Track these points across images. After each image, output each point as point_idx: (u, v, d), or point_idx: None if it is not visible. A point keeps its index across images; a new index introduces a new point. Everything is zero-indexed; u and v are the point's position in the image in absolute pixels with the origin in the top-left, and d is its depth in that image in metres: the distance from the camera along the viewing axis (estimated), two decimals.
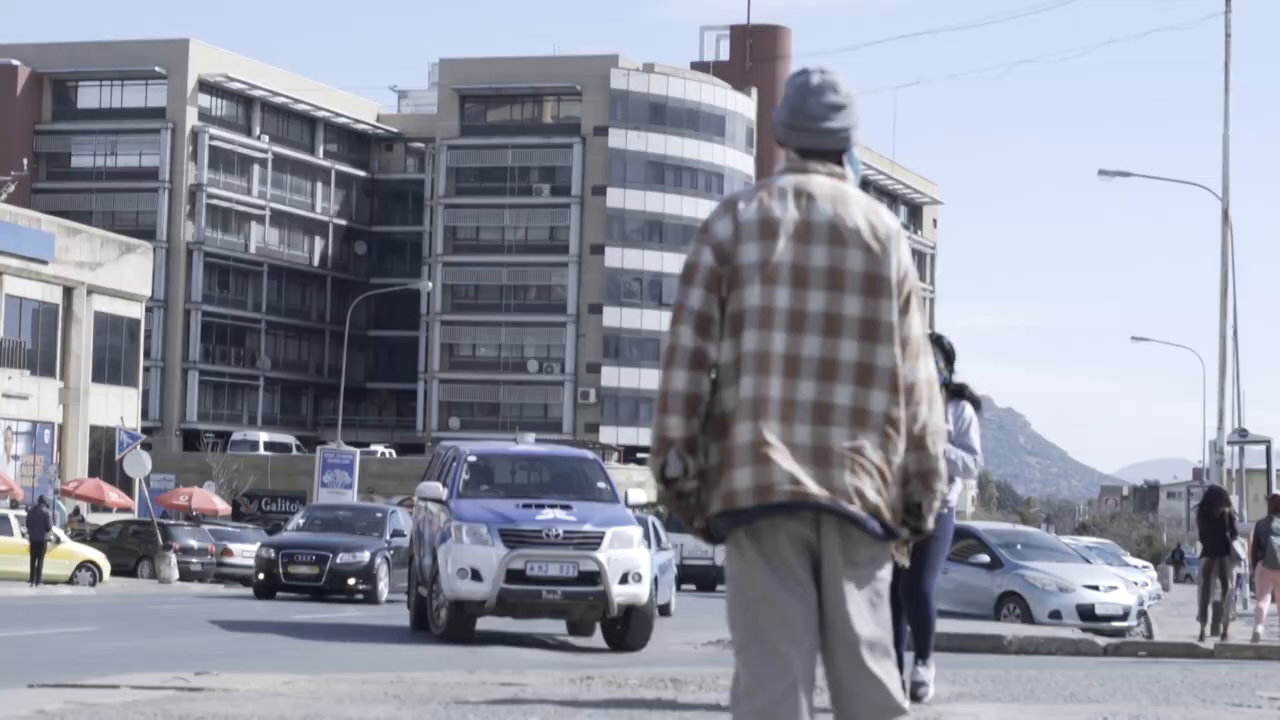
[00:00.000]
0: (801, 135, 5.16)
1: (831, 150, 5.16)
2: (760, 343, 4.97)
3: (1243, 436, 45.68)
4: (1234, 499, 32.14)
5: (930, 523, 5.13)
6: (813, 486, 4.93)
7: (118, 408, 63.09)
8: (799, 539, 5.01)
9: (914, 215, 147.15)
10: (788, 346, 4.95)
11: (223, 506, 64.78)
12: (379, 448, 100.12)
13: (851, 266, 4.99)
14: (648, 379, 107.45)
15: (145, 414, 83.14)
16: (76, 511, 56.37)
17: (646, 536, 22.74)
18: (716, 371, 5.04)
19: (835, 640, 5.09)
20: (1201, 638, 24.66)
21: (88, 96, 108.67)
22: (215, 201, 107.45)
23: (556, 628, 22.64)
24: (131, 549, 49.99)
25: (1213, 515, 25.46)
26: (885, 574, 5.11)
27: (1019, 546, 29.73)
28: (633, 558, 19.84)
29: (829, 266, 4.98)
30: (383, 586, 34.36)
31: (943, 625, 23.01)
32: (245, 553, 48.82)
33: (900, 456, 5.02)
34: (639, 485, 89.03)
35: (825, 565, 5.04)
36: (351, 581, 34.11)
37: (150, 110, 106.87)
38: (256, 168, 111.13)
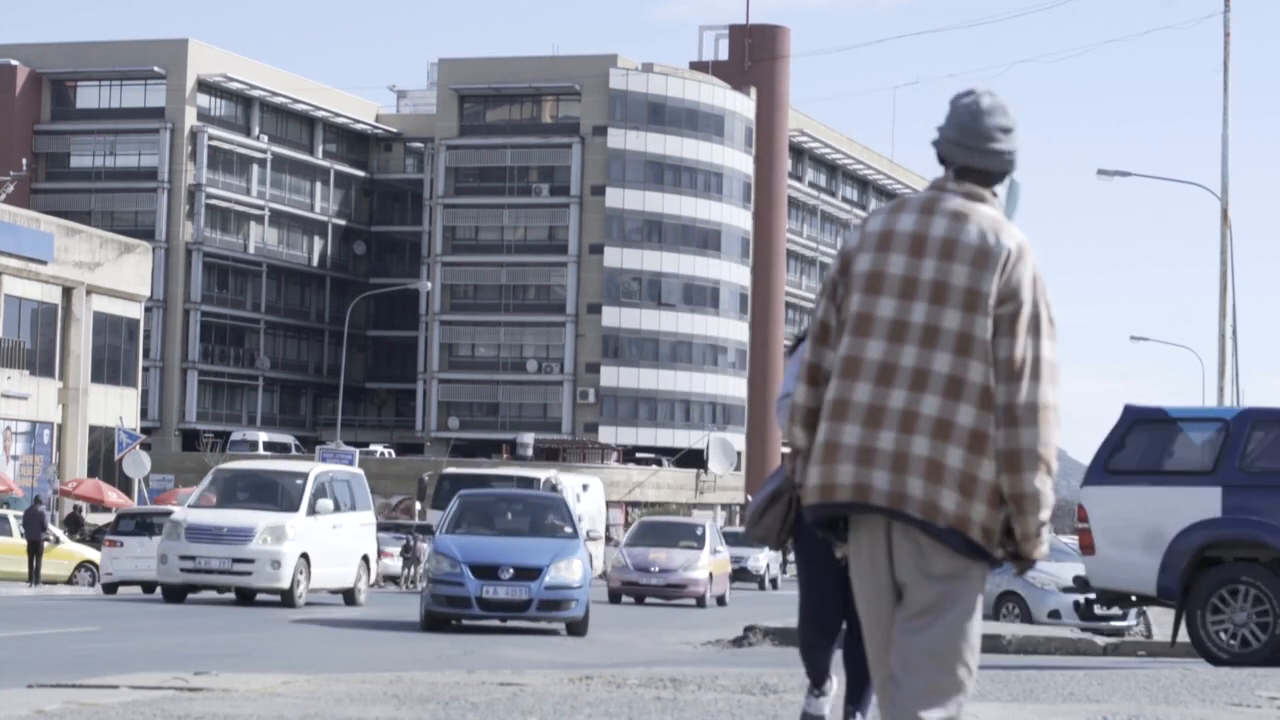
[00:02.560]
0: (969, 154, 5.23)
1: (995, 171, 5.24)
2: (853, 348, 5.12)
3: None
4: None
5: (1033, 550, 5.08)
6: (878, 490, 5.03)
7: (117, 408, 63.12)
8: (880, 543, 5.12)
9: None
10: (885, 354, 5.07)
11: None
12: (378, 448, 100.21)
13: (955, 281, 5.06)
14: (647, 379, 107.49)
15: (144, 414, 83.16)
16: (74, 515, 55.77)
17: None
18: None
19: (894, 658, 5.15)
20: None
21: (87, 96, 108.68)
22: (214, 201, 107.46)
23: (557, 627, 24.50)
24: None
25: None
26: (970, 594, 5.10)
27: None
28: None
29: (934, 280, 5.08)
30: None
31: None
32: None
33: (989, 474, 5.02)
34: (639, 485, 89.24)
35: (897, 573, 5.13)
36: None
37: (149, 110, 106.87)
38: (255, 168, 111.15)
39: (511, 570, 23.06)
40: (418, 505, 56.52)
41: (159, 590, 32.01)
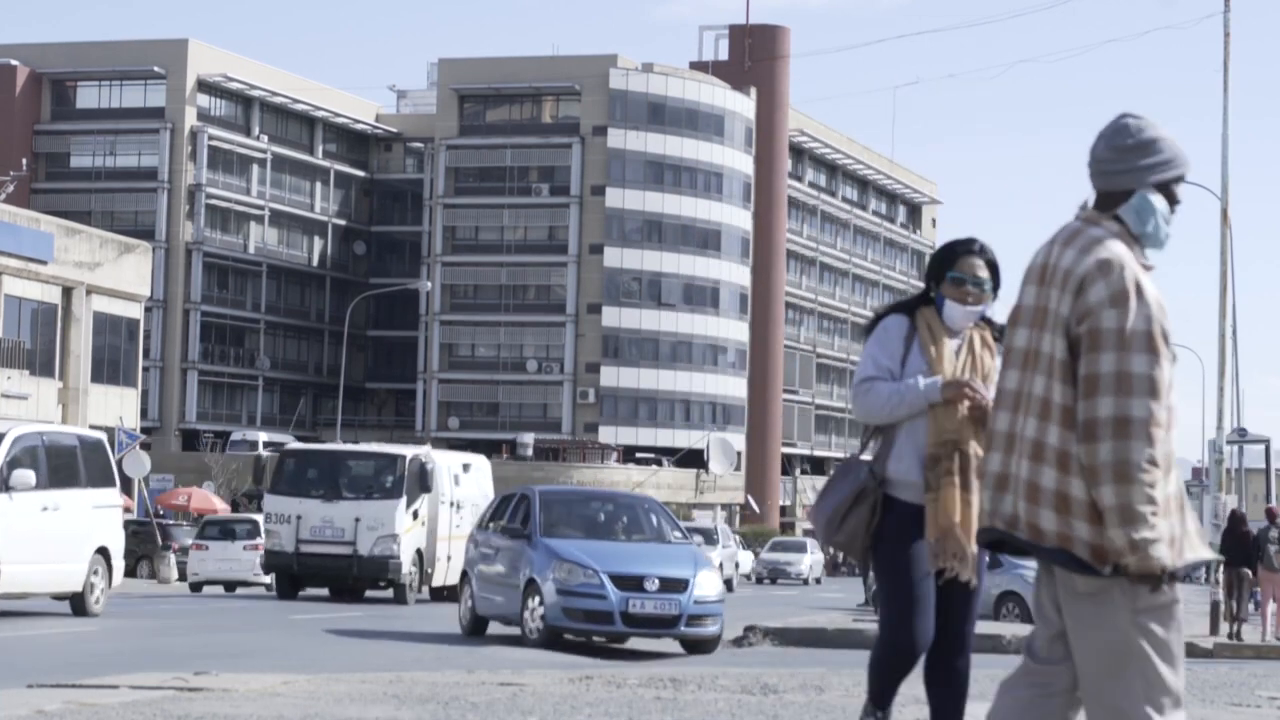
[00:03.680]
0: (1090, 178, 5.38)
1: (1108, 191, 5.30)
2: (1000, 380, 5.38)
3: (1242, 436, 45.83)
4: (1232, 498, 33.52)
5: (1133, 563, 5.05)
6: (1000, 514, 5.23)
7: (117, 408, 63.09)
8: (1043, 568, 5.31)
9: (913, 215, 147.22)
10: (1014, 383, 5.27)
11: (222, 506, 64.81)
12: None
13: (1049, 305, 5.20)
14: (646, 379, 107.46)
15: (144, 414, 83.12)
16: None
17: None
18: None
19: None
20: (1231, 636, 27.76)
21: (87, 96, 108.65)
22: (214, 201, 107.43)
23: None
24: (130, 549, 49.85)
25: (1237, 533, 30.59)
26: (1113, 616, 5.11)
27: None
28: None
29: (1034, 305, 5.24)
30: None
31: None
32: None
33: (1083, 491, 5.09)
34: (639, 485, 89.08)
35: (1058, 595, 5.27)
36: None
37: (149, 110, 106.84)
38: (255, 168, 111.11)
39: (657, 581, 20.36)
40: (258, 487, 48.01)
41: (236, 590, 36.18)
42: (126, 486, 60.44)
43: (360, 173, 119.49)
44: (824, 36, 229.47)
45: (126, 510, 58.01)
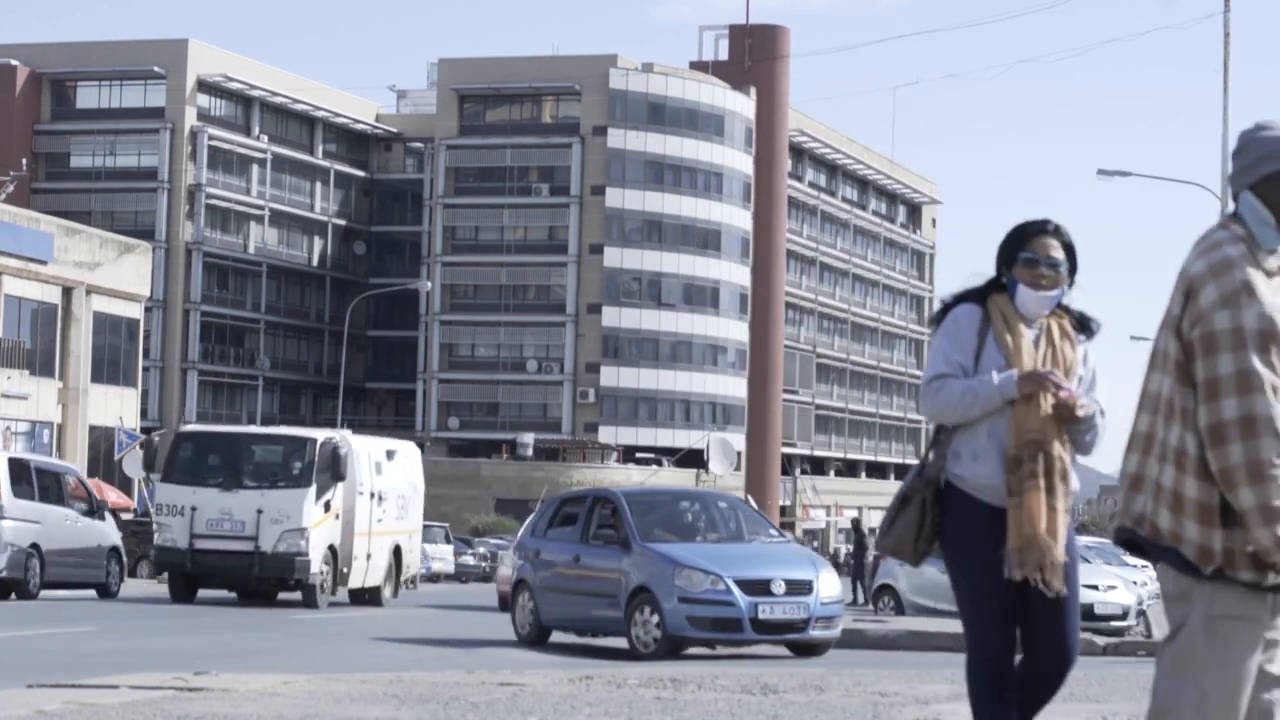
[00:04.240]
0: None
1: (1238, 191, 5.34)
2: (1143, 380, 5.41)
3: None
4: None
5: (1262, 567, 5.04)
6: (1124, 512, 5.30)
7: (117, 408, 63.10)
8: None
9: (913, 215, 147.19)
10: (1148, 383, 5.32)
11: None
12: None
13: (1172, 309, 5.24)
14: (646, 379, 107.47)
15: (144, 414, 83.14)
16: None
17: None
18: None
19: None
20: None
21: (87, 96, 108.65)
22: (214, 201, 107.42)
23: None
24: (131, 549, 49.94)
25: None
26: (1190, 618, 5.12)
27: None
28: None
29: (1168, 306, 5.28)
30: None
31: (943, 625, 23.01)
32: None
33: (1195, 492, 5.10)
34: (639, 485, 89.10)
35: None
36: None
37: (149, 110, 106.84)
38: (255, 168, 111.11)
39: (783, 584, 19.56)
40: (141, 473, 43.94)
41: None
42: (126, 486, 60.45)
43: (360, 173, 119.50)
44: (824, 36, 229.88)
45: (127, 510, 58.13)
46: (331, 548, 30.33)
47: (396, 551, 33.37)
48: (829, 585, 19.80)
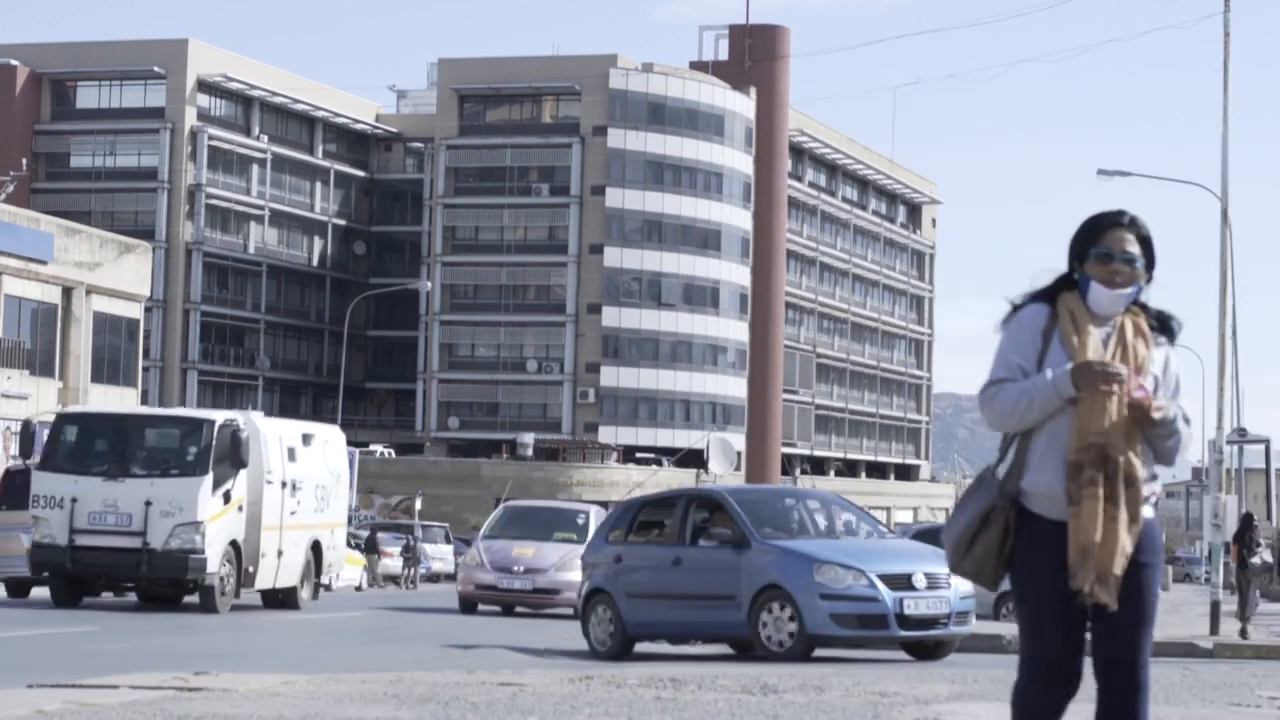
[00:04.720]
0: None
1: None
2: None
3: (1242, 436, 45.75)
4: (1232, 498, 33.19)
5: None
6: None
7: (117, 407, 63.02)
8: None
9: (913, 215, 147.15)
10: None
11: None
12: (378, 448, 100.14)
13: None
14: (647, 379, 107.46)
15: None
16: None
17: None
18: None
19: None
20: (1242, 634, 27.75)
21: (87, 96, 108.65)
22: (214, 201, 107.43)
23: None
24: None
25: (1247, 533, 31.47)
26: None
27: None
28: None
29: None
30: None
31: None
32: None
33: None
34: (639, 485, 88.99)
35: None
36: None
37: (149, 110, 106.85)
38: (255, 168, 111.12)
39: (924, 579, 18.84)
40: (13, 461, 37.68)
41: None
42: None
43: (360, 173, 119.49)
44: (824, 36, 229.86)
45: None
46: (234, 544, 27.21)
47: (316, 548, 30.24)
48: (961, 580, 19.28)
